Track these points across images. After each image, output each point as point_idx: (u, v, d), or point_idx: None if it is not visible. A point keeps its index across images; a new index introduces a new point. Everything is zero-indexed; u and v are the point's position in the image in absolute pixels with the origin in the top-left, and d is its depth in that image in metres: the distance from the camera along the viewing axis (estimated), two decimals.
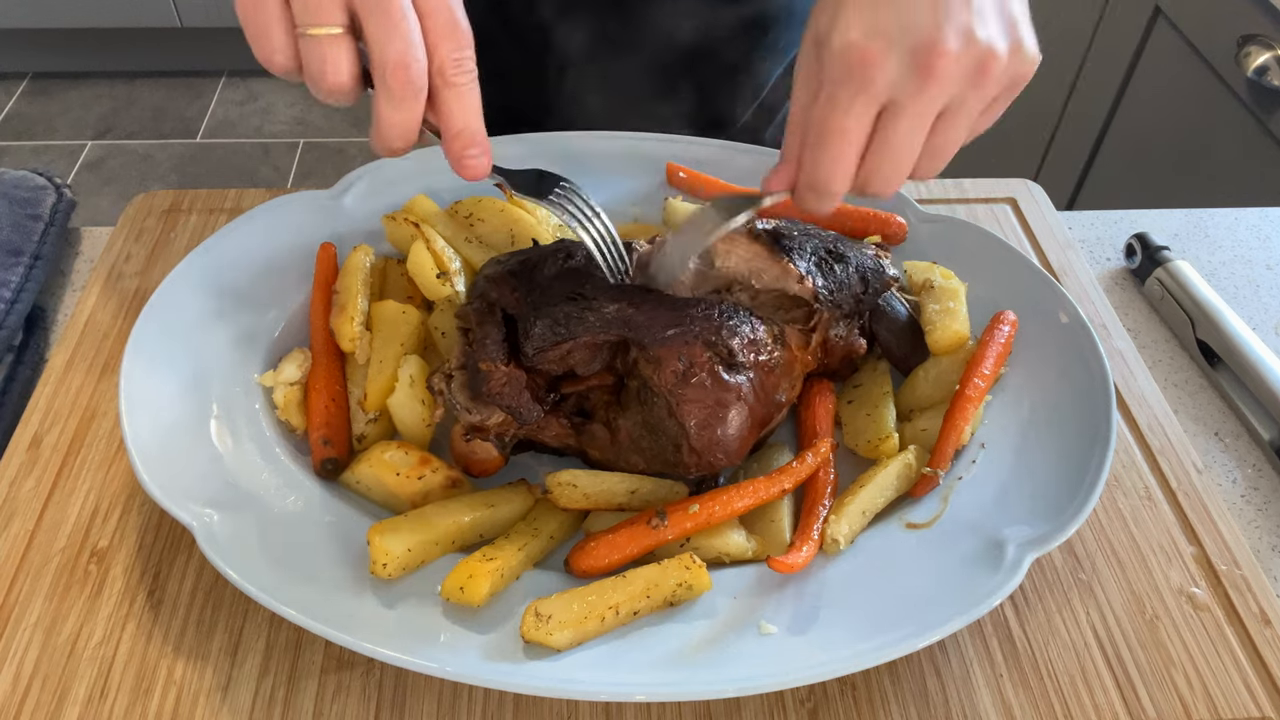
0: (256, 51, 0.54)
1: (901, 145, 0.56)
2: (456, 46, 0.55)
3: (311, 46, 0.53)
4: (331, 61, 0.53)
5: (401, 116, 0.55)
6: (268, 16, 0.53)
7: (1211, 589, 0.67)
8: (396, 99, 0.54)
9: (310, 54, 0.53)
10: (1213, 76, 1.48)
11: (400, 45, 0.52)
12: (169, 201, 0.93)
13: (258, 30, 0.53)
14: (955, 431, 0.69)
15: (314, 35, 0.52)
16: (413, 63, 0.53)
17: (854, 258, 0.73)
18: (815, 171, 0.58)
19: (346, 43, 0.53)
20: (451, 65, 0.55)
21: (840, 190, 0.58)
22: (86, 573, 0.66)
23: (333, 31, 0.52)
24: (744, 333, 0.65)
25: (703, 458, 0.64)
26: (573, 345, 0.64)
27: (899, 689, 0.62)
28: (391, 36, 0.52)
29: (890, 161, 0.57)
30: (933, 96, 0.54)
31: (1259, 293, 0.91)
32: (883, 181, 0.58)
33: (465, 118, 0.56)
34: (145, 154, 2.95)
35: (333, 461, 0.68)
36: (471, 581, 0.59)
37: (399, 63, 0.53)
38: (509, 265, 0.69)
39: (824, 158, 0.57)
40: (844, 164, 0.57)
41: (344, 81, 0.54)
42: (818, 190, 0.59)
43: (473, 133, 0.57)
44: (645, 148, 0.89)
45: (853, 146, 0.56)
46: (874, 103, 0.55)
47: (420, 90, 0.54)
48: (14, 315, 0.82)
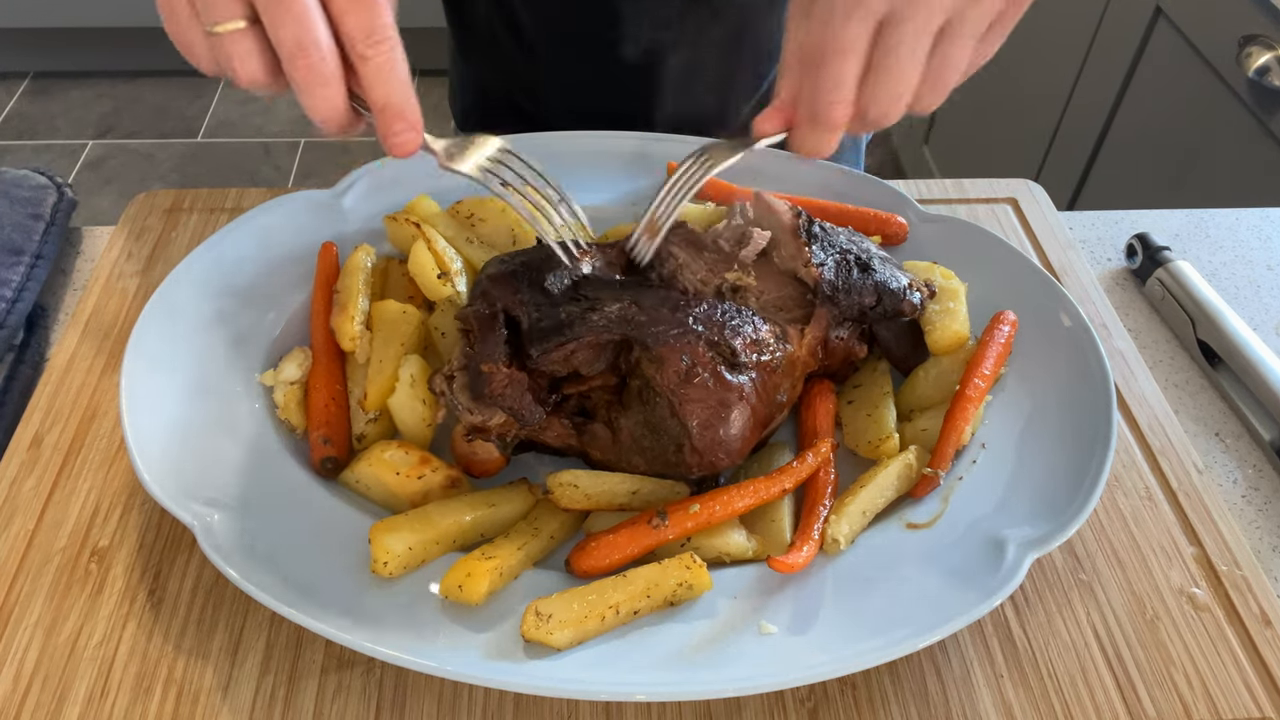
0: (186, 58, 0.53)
1: (902, 63, 0.54)
2: (366, 16, 0.51)
3: (218, 44, 0.51)
4: (239, 56, 0.51)
5: (317, 103, 0.52)
6: (181, 22, 0.52)
7: (1212, 589, 0.67)
8: (303, 87, 0.51)
9: (220, 52, 0.52)
10: (1213, 77, 1.48)
11: (294, 29, 0.50)
12: (170, 201, 0.93)
13: (180, 40, 0.53)
14: (955, 432, 0.69)
15: (218, 33, 0.51)
16: (311, 46, 0.50)
17: (881, 273, 0.72)
18: (814, 99, 0.55)
19: (252, 35, 0.51)
20: (363, 37, 0.51)
21: (841, 118, 0.56)
22: (87, 572, 0.66)
23: (236, 26, 0.50)
24: (746, 333, 0.65)
25: (705, 458, 0.64)
26: (576, 346, 0.64)
27: (899, 689, 0.62)
28: (285, 22, 0.49)
29: (891, 83, 0.55)
30: (931, 9, 0.53)
31: (1260, 293, 0.91)
32: (884, 107, 0.56)
33: (386, 91, 0.53)
34: (146, 153, 2.95)
35: (332, 460, 0.68)
36: (470, 580, 0.59)
37: (295, 47, 0.50)
38: (511, 266, 0.69)
39: (823, 81, 0.55)
40: (844, 86, 0.55)
41: (256, 74, 0.52)
42: (817, 120, 0.56)
43: (397, 106, 0.53)
44: (645, 148, 0.89)
45: (852, 65, 0.54)
46: (871, 16, 0.53)
47: (327, 74, 0.51)
48: (15, 314, 0.82)
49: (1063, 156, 1.91)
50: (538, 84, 1.05)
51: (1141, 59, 1.66)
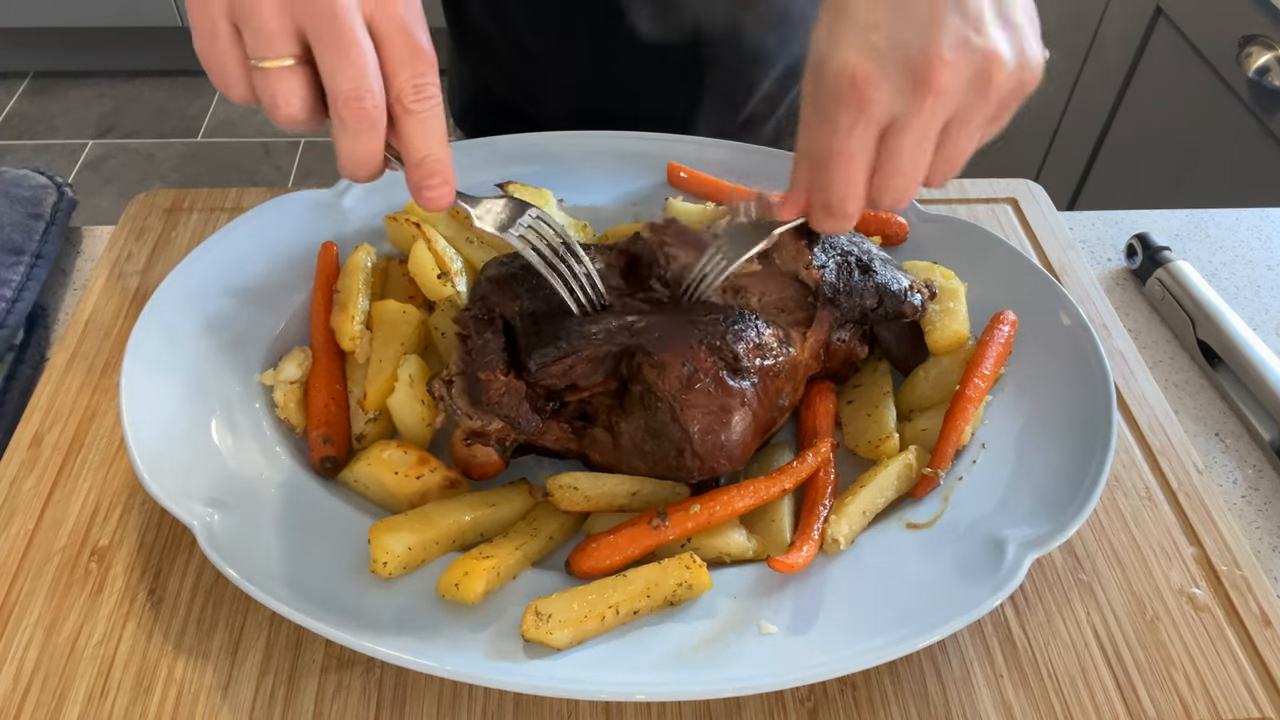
0: (214, 83, 0.53)
1: (908, 162, 0.55)
2: (415, 73, 0.52)
3: (264, 79, 0.51)
4: (283, 94, 0.51)
5: (358, 148, 0.53)
6: (221, 50, 0.52)
7: (1212, 589, 0.67)
8: (351, 131, 0.52)
9: (263, 86, 0.52)
10: (1214, 77, 1.48)
11: (353, 75, 0.50)
12: (170, 201, 0.93)
13: (213, 64, 0.52)
14: (955, 432, 0.69)
15: (266, 68, 0.51)
16: (366, 94, 0.51)
17: (882, 275, 0.72)
18: (825, 196, 0.58)
19: (300, 74, 0.51)
20: (411, 92, 0.52)
21: (854, 211, 0.58)
22: (87, 571, 0.66)
23: (284, 64, 0.51)
24: (749, 337, 0.65)
25: (705, 463, 0.64)
26: (574, 360, 0.64)
27: (899, 689, 0.62)
28: (343, 66, 0.50)
29: (898, 178, 0.56)
30: (934, 110, 0.54)
31: (1260, 293, 0.91)
32: (893, 197, 0.57)
33: (426, 145, 0.54)
34: (146, 153, 2.95)
35: (332, 460, 0.68)
36: (466, 579, 0.59)
37: (351, 94, 0.51)
38: (510, 268, 0.69)
39: (831, 182, 0.57)
40: (852, 186, 0.56)
41: (296, 114, 0.52)
42: (830, 213, 0.58)
43: (434, 161, 0.54)
44: (645, 148, 0.89)
45: (858, 169, 0.56)
46: (874, 124, 0.54)
47: (375, 121, 0.52)
48: (15, 314, 0.82)
49: (1063, 156, 1.91)
50: (534, 84, 1.05)
51: (1142, 59, 1.66)
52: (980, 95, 0.54)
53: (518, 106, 1.07)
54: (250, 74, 0.52)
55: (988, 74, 0.53)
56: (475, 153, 0.88)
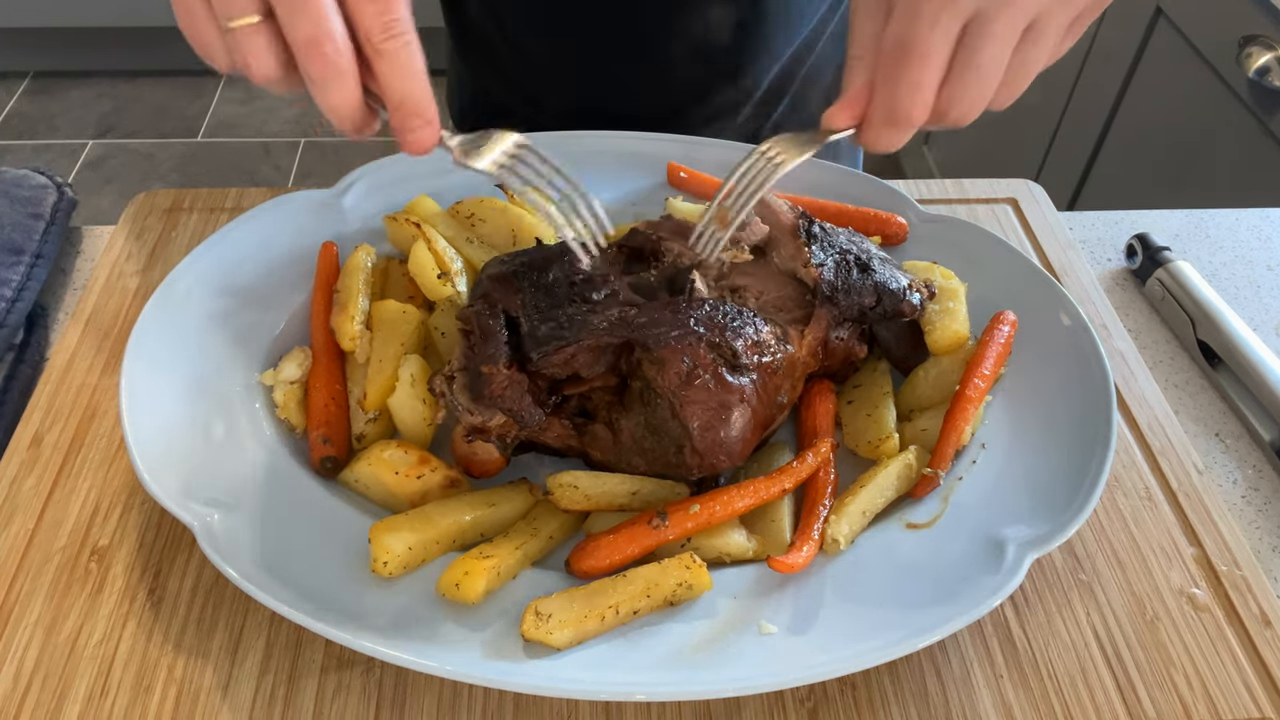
0: (200, 55, 0.52)
1: (987, 66, 0.52)
2: (379, 10, 0.50)
3: (234, 40, 0.50)
4: (254, 53, 0.50)
5: (331, 98, 0.51)
6: (195, 18, 0.51)
7: (1212, 590, 0.67)
8: (318, 82, 0.50)
9: (235, 48, 0.51)
10: (1214, 77, 1.48)
11: (309, 22, 0.48)
12: (170, 201, 0.93)
13: (192, 34, 0.52)
14: (955, 432, 0.69)
15: (234, 28, 0.50)
16: (325, 39, 0.49)
17: (881, 274, 0.72)
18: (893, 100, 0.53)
19: (267, 30, 0.50)
20: (379, 30, 0.50)
21: (919, 119, 0.54)
22: (87, 571, 0.66)
23: (250, 21, 0.49)
24: (748, 334, 0.65)
25: (705, 459, 0.64)
26: (576, 349, 0.64)
27: (899, 689, 0.62)
28: (299, 15, 0.48)
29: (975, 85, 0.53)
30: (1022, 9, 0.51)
31: (1260, 293, 0.91)
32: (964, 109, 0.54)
33: (404, 86, 0.51)
34: (146, 153, 2.95)
35: (332, 460, 0.68)
36: (467, 578, 0.59)
37: (309, 41, 0.49)
38: (511, 265, 0.69)
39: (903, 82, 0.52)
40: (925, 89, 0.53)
41: (269, 72, 0.51)
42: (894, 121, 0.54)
43: (414, 102, 0.52)
44: (645, 148, 0.89)
45: (935, 68, 0.52)
46: (960, 16, 0.51)
47: (341, 69, 0.50)
48: (15, 314, 0.82)
49: (1063, 156, 1.92)
50: (534, 84, 1.05)
51: (1142, 59, 1.66)
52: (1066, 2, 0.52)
53: (517, 107, 1.07)
54: (224, 38, 0.51)
55: None
56: None
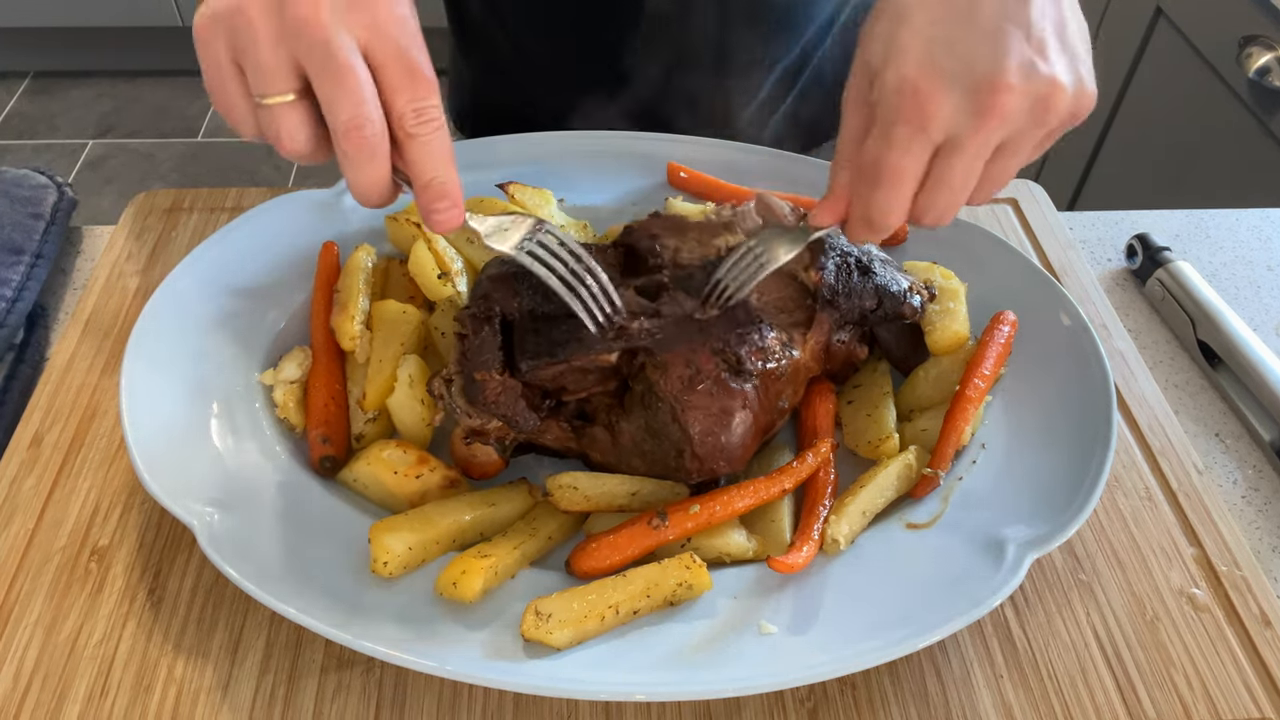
0: (228, 122, 0.54)
1: (958, 181, 0.55)
2: (415, 97, 0.52)
3: (268, 115, 0.52)
4: (287, 129, 0.52)
5: (363, 176, 0.53)
6: (228, 90, 0.53)
7: (1212, 590, 0.67)
8: (354, 161, 0.52)
9: (268, 122, 0.52)
10: (1214, 77, 1.48)
11: (350, 105, 0.51)
12: (170, 200, 0.93)
13: (223, 104, 0.53)
14: (955, 432, 0.69)
15: (269, 104, 0.52)
16: (365, 123, 0.51)
17: (882, 276, 0.72)
18: (868, 210, 0.57)
19: (301, 108, 0.52)
20: (412, 116, 0.52)
21: (895, 225, 0.58)
22: (87, 571, 0.66)
23: (286, 99, 0.51)
24: (753, 340, 0.65)
25: (705, 464, 0.64)
26: (566, 368, 0.64)
27: (899, 689, 0.62)
28: (339, 97, 0.50)
29: (946, 197, 0.56)
30: (992, 132, 0.53)
31: (1260, 294, 0.91)
32: (936, 214, 0.57)
33: (433, 168, 0.54)
34: (146, 153, 2.95)
35: (331, 460, 0.68)
36: (464, 577, 0.59)
37: (350, 124, 0.51)
38: (512, 267, 0.69)
39: (878, 197, 0.56)
40: (899, 202, 0.56)
41: (301, 148, 0.53)
42: (871, 227, 0.58)
43: (441, 184, 0.54)
44: (645, 148, 0.89)
45: (908, 186, 0.55)
46: (931, 142, 0.54)
47: (376, 149, 0.52)
48: (15, 314, 0.82)
49: (1063, 157, 1.91)
50: (534, 83, 1.05)
51: (1142, 59, 1.66)
52: (1038, 122, 0.54)
53: (518, 107, 1.07)
54: (257, 111, 0.53)
55: (1049, 102, 0.53)
56: (475, 153, 0.88)
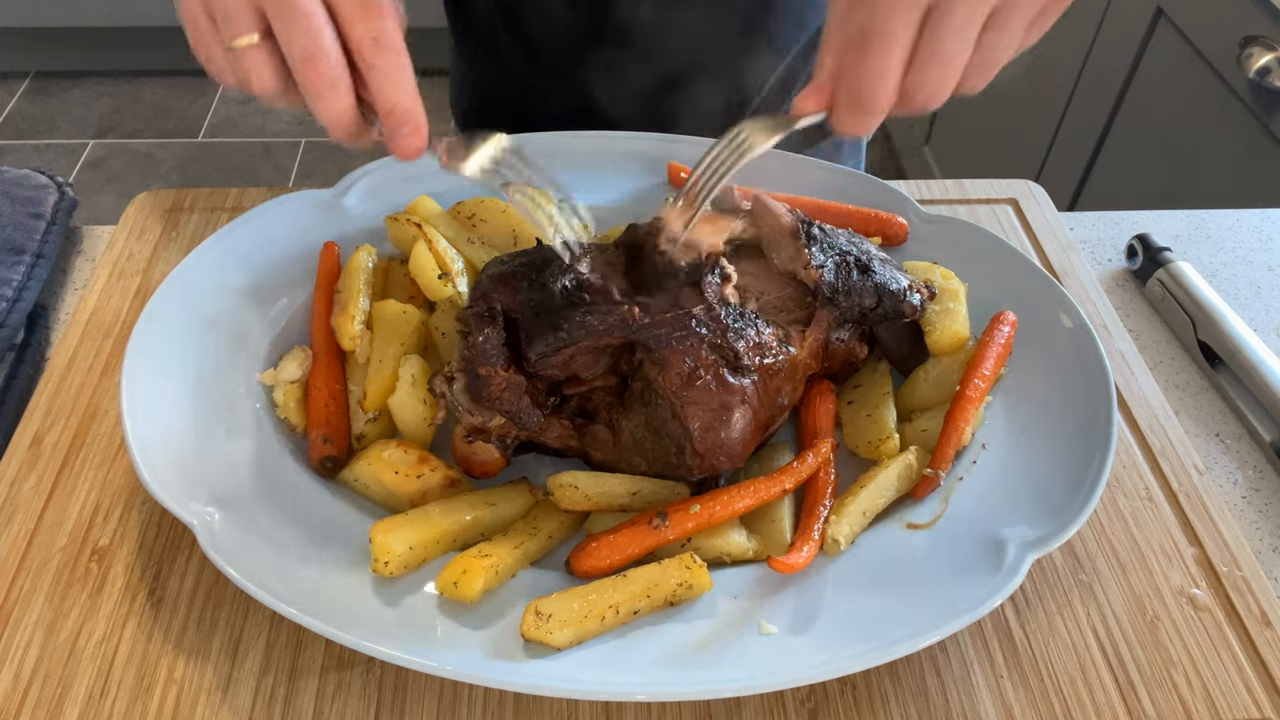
0: (210, 73, 0.56)
1: (951, 50, 0.53)
2: (370, 27, 0.53)
3: (237, 59, 0.54)
4: (254, 70, 0.54)
5: (326, 109, 0.54)
6: (205, 41, 0.55)
7: (1212, 590, 0.67)
8: (313, 93, 0.54)
9: (237, 66, 0.54)
10: (1214, 78, 1.48)
11: (304, 40, 0.52)
12: (170, 200, 0.93)
13: (202, 54, 0.56)
14: (956, 432, 0.69)
15: (237, 48, 0.54)
16: (319, 54, 0.53)
17: (881, 275, 0.72)
18: (857, 84, 0.54)
19: (265, 48, 0.54)
20: (369, 45, 0.53)
21: (884, 104, 0.55)
22: (87, 571, 0.66)
23: (250, 41, 0.53)
24: (750, 335, 0.65)
25: (705, 460, 0.64)
26: (575, 350, 0.64)
27: (899, 689, 0.62)
28: (294, 33, 0.52)
29: (938, 69, 0.54)
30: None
31: (1260, 294, 0.91)
32: (929, 92, 0.55)
33: (393, 95, 0.55)
34: (147, 153, 2.95)
35: (332, 460, 0.68)
36: (465, 577, 0.59)
37: (305, 57, 0.53)
38: (512, 266, 0.69)
39: (866, 68, 0.54)
40: (889, 74, 0.54)
41: (268, 86, 0.55)
42: (859, 105, 0.55)
43: (404, 110, 0.55)
44: (645, 148, 0.89)
45: (898, 52, 0.53)
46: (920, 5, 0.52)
47: (334, 81, 0.54)
48: (15, 314, 0.82)
49: (1063, 157, 1.91)
50: (535, 84, 1.05)
51: (1142, 59, 1.66)
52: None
53: (519, 106, 1.07)
54: (228, 57, 0.55)
55: None
56: None
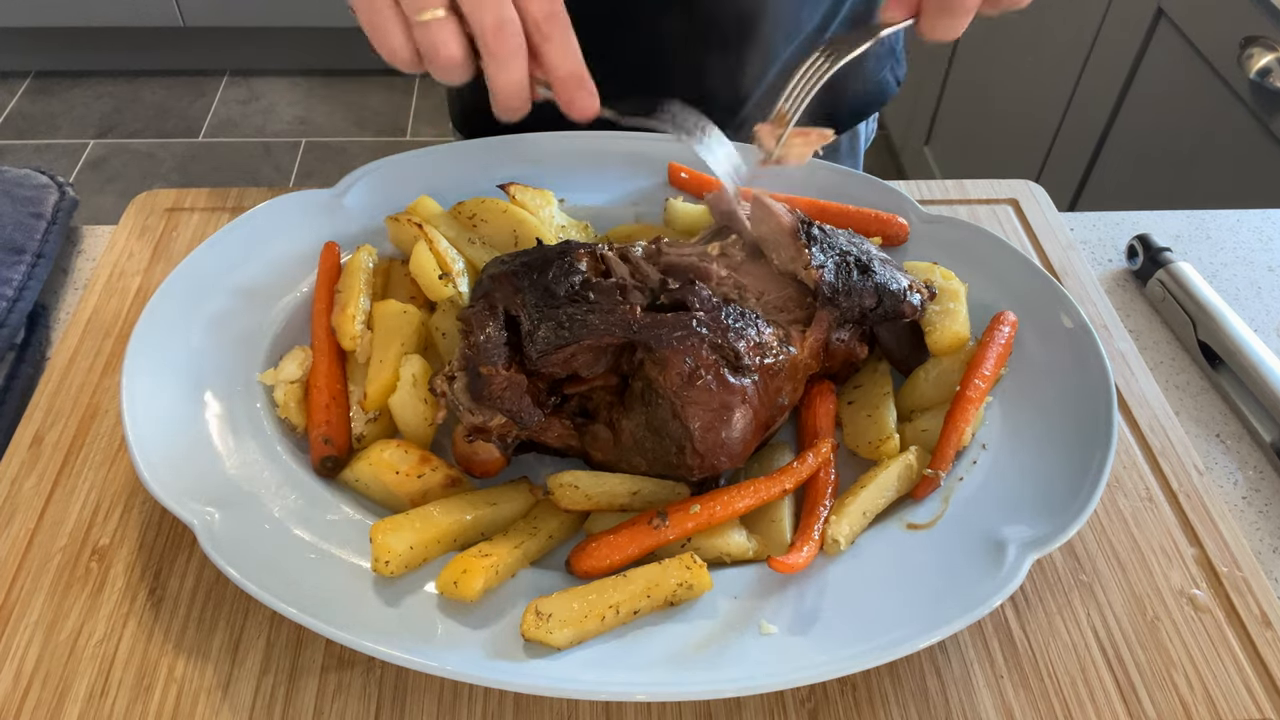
0: (380, 51, 0.61)
1: None
2: (545, 3, 0.59)
3: (423, 32, 0.59)
4: (442, 41, 0.59)
5: (509, 76, 0.60)
6: (384, 15, 0.60)
7: (1212, 590, 0.67)
8: (500, 60, 0.59)
9: (423, 39, 0.59)
10: (1215, 78, 1.48)
11: (493, 11, 0.58)
12: (171, 200, 0.93)
13: (376, 30, 0.60)
14: (956, 432, 0.69)
15: (424, 20, 0.59)
16: (507, 23, 0.58)
17: (881, 275, 0.72)
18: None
19: (452, 22, 0.59)
20: (545, 19, 0.59)
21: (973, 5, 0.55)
22: (88, 570, 0.66)
23: (438, 14, 0.59)
24: (750, 335, 0.65)
25: (706, 460, 0.64)
26: (576, 349, 0.64)
27: (899, 689, 0.62)
28: (484, 6, 0.58)
29: None
30: None
31: (1260, 294, 0.91)
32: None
33: (568, 63, 0.61)
34: (147, 153, 2.95)
35: (332, 460, 0.68)
36: (465, 576, 0.59)
37: (495, 27, 0.58)
38: (512, 265, 0.69)
39: None
40: None
41: (454, 54, 0.60)
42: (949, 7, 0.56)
43: (579, 76, 0.61)
44: (646, 148, 0.89)
45: None
46: None
47: (520, 47, 0.59)
48: (16, 313, 0.82)
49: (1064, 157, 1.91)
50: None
51: (1143, 60, 1.66)
52: None
53: None
54: (410, 31, 0.60)
55: None
56: (476, 153, 0.88)
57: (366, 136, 3.04)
